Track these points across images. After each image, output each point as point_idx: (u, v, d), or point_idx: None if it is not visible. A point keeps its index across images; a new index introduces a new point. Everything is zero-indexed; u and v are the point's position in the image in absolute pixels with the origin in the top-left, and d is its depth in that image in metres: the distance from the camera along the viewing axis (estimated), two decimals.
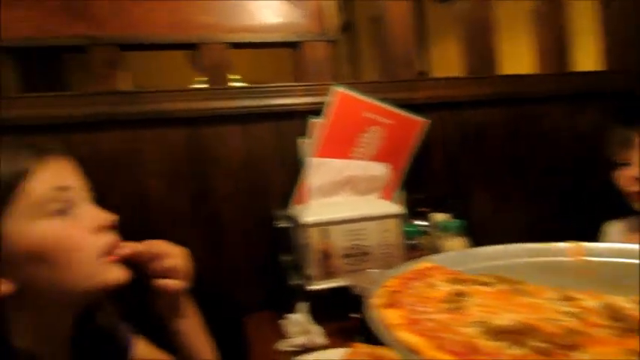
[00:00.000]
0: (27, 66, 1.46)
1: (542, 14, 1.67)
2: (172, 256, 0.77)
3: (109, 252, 0.67)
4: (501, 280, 0.70)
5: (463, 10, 1.60)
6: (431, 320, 0.56)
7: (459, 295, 0.65)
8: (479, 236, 1.46)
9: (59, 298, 0.65)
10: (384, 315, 0.57)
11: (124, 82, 1.41)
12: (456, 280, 0.71)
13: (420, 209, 1.43)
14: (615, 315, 0.55)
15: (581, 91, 1.63)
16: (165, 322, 0.81)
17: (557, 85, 1.63)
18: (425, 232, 1.34)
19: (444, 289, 0.68)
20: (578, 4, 1.78)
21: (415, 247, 1.28)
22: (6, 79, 1.33)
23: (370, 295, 0.64)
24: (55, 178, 0.64)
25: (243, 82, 2.37)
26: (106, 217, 0.68)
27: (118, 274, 0.67)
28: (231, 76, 1.52)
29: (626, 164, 1.25)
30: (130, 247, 0.71)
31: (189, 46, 1.45)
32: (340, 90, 1.36)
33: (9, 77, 1.35)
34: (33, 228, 0.61)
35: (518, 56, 1.93)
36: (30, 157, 0.64)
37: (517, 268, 0.84)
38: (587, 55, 1.79)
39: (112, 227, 0.69)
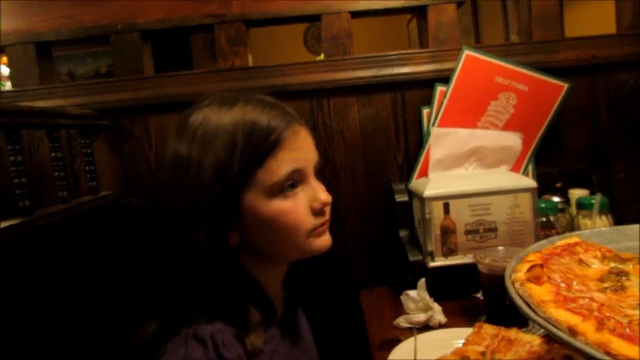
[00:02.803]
0: (159, 49, 1.58)
1: None
2: None
3: (318, 231, 0.74)
4: None
5: None
6: (589, 299, 0.49)
7: (619, 273, 0.56)
8: (623, 215, 1.30)
9: (275, 256, 0.75)
10: (531, 290, 0.51)
11: (248, 61, 1.45)
12: (611, 258, 0.62)
13: (555, 184, 1.30)
14: None
15: None
16: None
17: None
18: (561, 210, 1.22)
19: (599, 267, 0.60)
20: None
21: (549, 225, 1.16)
22: (144, 61, 1.44)
23: (510, 269, 0.58)
24: (293, 160, 0.70)
25: None
26: (323, 199, 0.73)
27: (321, 245, 0.75)
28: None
29: None
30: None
31: (312, 18, 1.45)
32: (469, 52, 1.27)
33: (146, 60, 1.46)
34: (266, 205, 0.69)
35: None
36: (281, 128, 0.70)
37: None
38: None
39: (326, 206, 0.75)
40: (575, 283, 0.54)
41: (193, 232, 0.67)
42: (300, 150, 0.72)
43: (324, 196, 0.73)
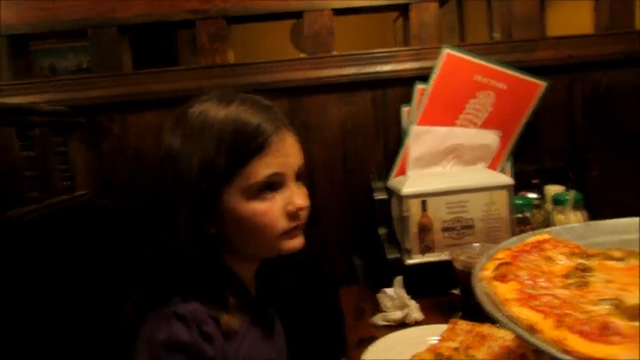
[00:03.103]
0: (141, 45, 1.56)
1: None
2: None
3: (290, 233, 0.77)
4: (632, 254, 0.61)
5: None
6: (552, 296, 0.50)
7: (584, 270, 0.57)
8: (597, 211, 1.31)
9: (247, 252, 0.78)
10: (496, 288, 0.51)
11: (228, 58, 1.44)
12: (578, 254, 0.63)
13: (531, 181, 1.32)
14: None
15: None
16: None
17: None
18: (537, 206, 1.23)
19: (565, 263, 0.61)
20: None
21: (525, 222, 1.18)
22: (122, 57, 1.42)
23: (478, 267, 0.59)
24: (275, 164, 0.73)
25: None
26: (298, 204, 0.75)
27: (292, 246, 0.78)
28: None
29: None
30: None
31: (294, 15, 1.45)
32: (448, 51, 1.27)
33: (125, 56, 1.44)
34: (243, 204, 0.72)
35: None
36: (269, 132, 0.73)
37: None
38: None
39: (301, 210, 0.77)
40: (540, 280, 0.55)
41: (178, 218, 0.70)
42: (284, 156, 0.75)
43: (300, 201, 0.76)
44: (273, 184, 0.73)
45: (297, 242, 0.78)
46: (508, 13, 1.42)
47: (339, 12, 1.41)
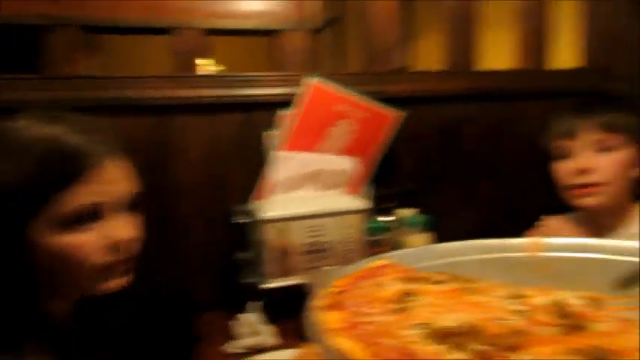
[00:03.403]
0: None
1: (523, 9, 1.65)
2: None
3: (111, 269, 0.70)
4: (454, 278, 0.67)
5: (448, 3, 1.57)
6: (372, 323, 0.52)
7: (408, 294, 0.61)
8: (445, 233, 1.44)
9: (63, 289, 0.71)
10: (323, 318, 0.53)
11: (92, 68, 1.35)
12: (407, 279, 0.67)
13: (386, 204, 1.40)
14: (562, 312, 0.53)
15: (558, 89, 1.62)
16: None
17: (535, 81, 1.62)
18: (389, 228, 1.31)
19: (393, 288, 0.64)
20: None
21: (378, 244, 1.25)
22: None
23: (314, 295, 0.60)
24: (93, 193, 0.66)
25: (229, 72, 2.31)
26: (119, 236, 0.69)
27: (111, 286, 0.72)
28: (209, 65, 1.47)
29: (566, 156, 1.21)
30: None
31: (161, 31, 1.39)
32: (312, 81, 1.32)
33: None
34: (56, 237, 0.65)
35: (503, 52, 1.91)
36: (91, 157, 0.65)
37: (474, 265, 0.81)
38: (568, 52, 1.78)
39: (126, 243, 0.70)
40: (368, 307, 0.58)
41: None
42: (107, 183, 0.68)
43: (124, 233, 0.70)
44: (91, 214, 0.67)
45: (116, 282, 0.71)
46: (369, 45, 1.51)
47: (209, 32, 1.39)
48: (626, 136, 1.17)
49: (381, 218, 1.32)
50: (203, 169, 1.35)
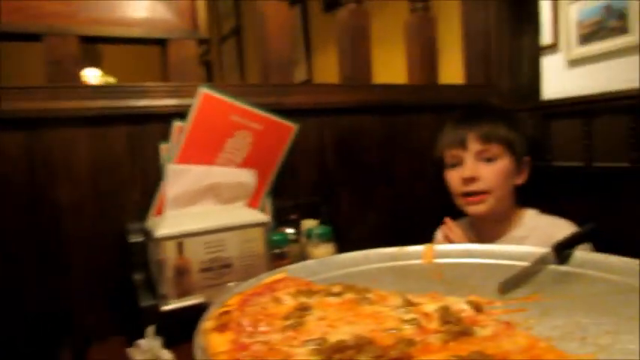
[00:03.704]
0: None
1: (413, 27, 1.74)
2: None
3: None
4: (349, 288, 0.67)
5: (341, 19, 1.60)
6: (263, 343, 0.50)
7: (303, 309, 0.60)
8: (347, 242, 1.46)
9: None
10: (210, 341, 0.50)
11: None
12: (304, 293, 0.67)
13: (290, 217, 1.39)
14: (449, 318, 0.54)
15: (445, 102, 1.72)
16: None
17: (425, 95, 1.71)
18: (293, 241, 1.30)
19: (290, 303, 0.63)
20: (446, 20, 1.89)
21: (282, 256, 1.23)
22: None
23: (204, 317, 0.57)
24: None
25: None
26: None
27: None
28: (96, 76, 1.37)
29: (457, 165, 1.29)
30: None
31: (32, 37, 1.27)
32: (205, 91, 1.27)
33: None
34: None
35: (397, 68, 2.00)
36: None
37: (371, 275, 0.83)
38: (455, 68, 1.91)
39: None
40: (261, 325, 0.56)
41: None
42: None
43: None
44: None
45: None
46: (265, 58, 1.50)
47: (86, 40, 1.29)
48: (504, 146, 1.26)
49: (285, 230, 1.31)
50: (90, 186, 1.25)
